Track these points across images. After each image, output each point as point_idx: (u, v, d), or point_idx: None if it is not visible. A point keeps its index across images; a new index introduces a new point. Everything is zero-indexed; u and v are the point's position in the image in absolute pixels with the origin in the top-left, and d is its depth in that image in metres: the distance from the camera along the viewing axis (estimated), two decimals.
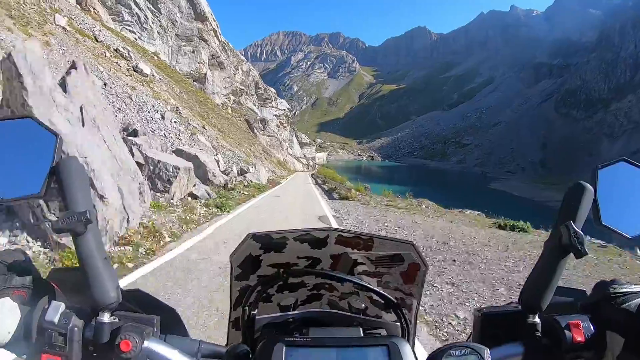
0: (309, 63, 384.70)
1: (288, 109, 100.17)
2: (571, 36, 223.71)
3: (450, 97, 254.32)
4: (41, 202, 4.98)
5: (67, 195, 0.52)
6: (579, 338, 0.57)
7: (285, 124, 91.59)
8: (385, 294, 0.70)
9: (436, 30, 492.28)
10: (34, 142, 0.55)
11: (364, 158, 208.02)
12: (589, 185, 0.58)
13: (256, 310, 0.71)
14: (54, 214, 5.05)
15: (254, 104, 76.87)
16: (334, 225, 10.52)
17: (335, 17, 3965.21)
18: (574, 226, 0.55)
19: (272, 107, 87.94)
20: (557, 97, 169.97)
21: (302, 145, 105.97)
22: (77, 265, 0.54)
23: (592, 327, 0.58)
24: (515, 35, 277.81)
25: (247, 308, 0.71)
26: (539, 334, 0.59)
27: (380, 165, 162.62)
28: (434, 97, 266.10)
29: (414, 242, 0.70)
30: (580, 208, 0.57)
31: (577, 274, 6.11)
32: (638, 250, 8.32)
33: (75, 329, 0.51)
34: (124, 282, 4.65)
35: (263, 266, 0.71)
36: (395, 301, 0.71)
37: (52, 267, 0.53)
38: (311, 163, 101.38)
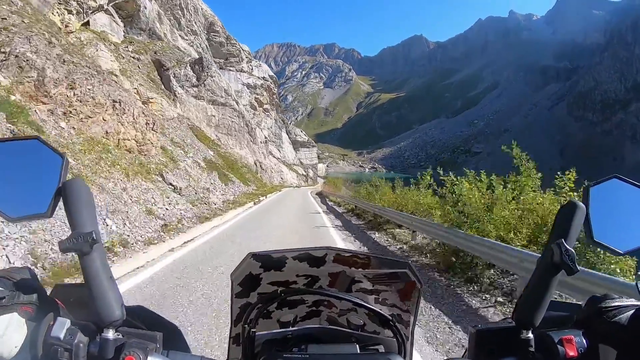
0: (304, 73, 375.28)
1: (271, 77, 61.81)
2: (576, 38, 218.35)
3: (454, 104, 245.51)
4: None
5: (74, 215, 0.53)
6: (572, 353, 0.57)
7: (266, 105, 54.70)
8: (381, 311, 0.71)
9: (433, 38, 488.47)
10: (41, 162, 0.56)
11: (367, 170, 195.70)
12: (580, 203, 0.59)
13: (256, 327, 0.72)
14: None
15: (196, 49, 38.76)
16: None
17: (329, 28, 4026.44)
18: (565, 244, 0.56)
19: (241, 71, 50.25)
20: (569, 100, 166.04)
21: (296, 145, 73.18)
22: (78, 282, 0.51)
23: (585, 342, 0.59)
24: (517, 39, 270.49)
25: (247, 325, 0.72)
26: (532, 349, 0.60)
27: (387, 178, 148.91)
28: (436, 105, 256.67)
29: (410, 262, 0.70)
30: (572, 226, 0.58)
31: None
32: None
33: (81, 344, 0.52)
34: None
35: (263, 284, 0.72)
36: (390, 318, 0.71)
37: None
38: (311, 174, 72.62)
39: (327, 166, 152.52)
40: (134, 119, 12.82)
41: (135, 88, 17.32)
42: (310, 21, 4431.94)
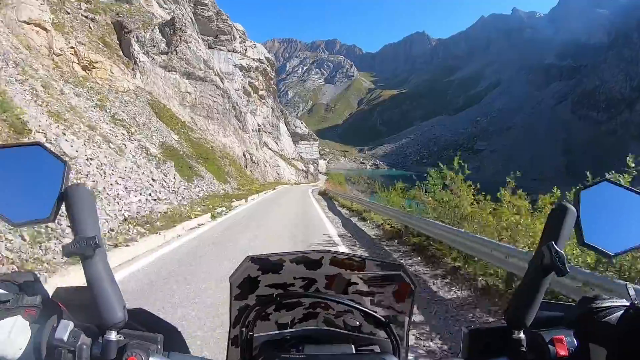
0: (305, 68, 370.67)
1: (268, 59, 55.72)
2: (579, 37, 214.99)
3: (456, 102, 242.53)
4: None
5: (76, 220, 0.55)
6: (563, 352, 0.59)
7: (262, 91, 49.14)
8: (375, 313, 0.72)
9: (435, 35, 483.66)
10: (43, 168, 0.57)
11: (368, 166, 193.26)
12: (571, 206, 0.61)
13: (254, 329, 0.74)
14: None
15: (176, 15, 30.04)
16: None
17: (331, 24, 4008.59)
18: (555, 246, 0.57)
19: (233, 51, 43.70)
20: (572, 99, 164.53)
21: (295, 138, 67.94)
22: (79, 285, 0.58)
23: (575, 342, 0.60)
24: (520, 37, 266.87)
25: (245, 327, 0.73)
26: (524, 349, 0.61)
27: (389, 175, 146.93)
28: (438, 102, 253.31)
29: (404, 264, 0.73)
30: (562, 229, 0.59)
31: None
32: None
33: (84, 346, 0.53)
34: None
35: (261, 286, 0.74)
36: (385, 319, 0.73)
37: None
38: (312, 169, 67.05)
39: (327, 162, 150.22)
40: None
41: (72, 47, 13.99)
42: (312, 17, 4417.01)
